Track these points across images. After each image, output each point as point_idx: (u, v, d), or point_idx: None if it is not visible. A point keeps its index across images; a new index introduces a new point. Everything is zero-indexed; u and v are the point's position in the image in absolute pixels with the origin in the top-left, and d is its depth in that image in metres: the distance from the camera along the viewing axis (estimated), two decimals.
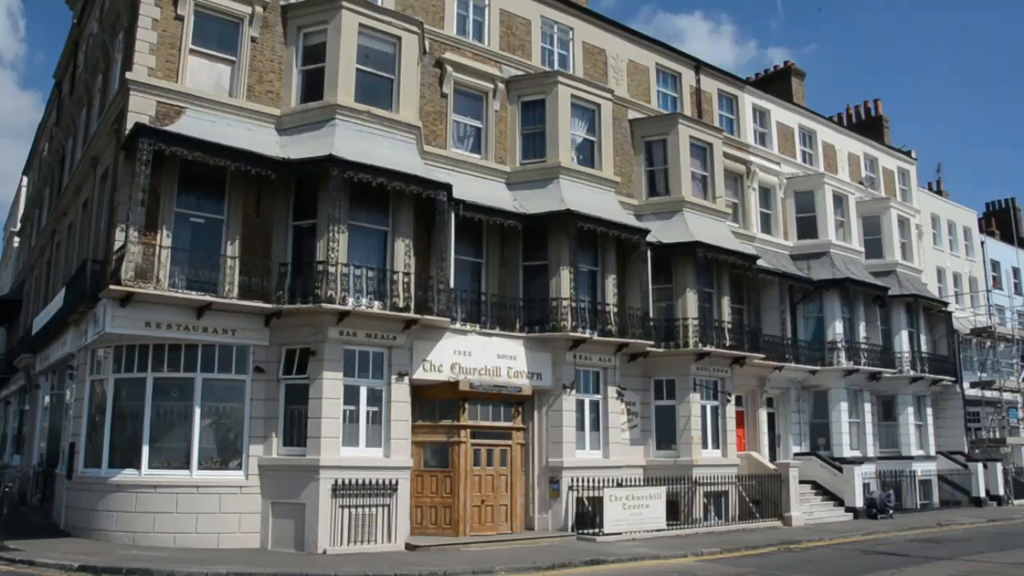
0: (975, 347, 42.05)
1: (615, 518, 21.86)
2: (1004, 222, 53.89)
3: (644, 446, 25.43)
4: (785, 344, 30.54)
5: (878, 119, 42.86)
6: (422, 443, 21.09)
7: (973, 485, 35.72)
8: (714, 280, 27.52)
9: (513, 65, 25.16)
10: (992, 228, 52.37)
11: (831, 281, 31.95)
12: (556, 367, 22.99)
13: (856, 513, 28.78)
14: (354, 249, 19.58)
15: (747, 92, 33.33)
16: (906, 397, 34.84)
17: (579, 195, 23.85)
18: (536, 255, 23.64)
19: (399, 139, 20.70)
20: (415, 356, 20.50)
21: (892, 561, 18.94)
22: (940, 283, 42.78)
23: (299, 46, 20.67)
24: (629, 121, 27.68)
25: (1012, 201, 56.97)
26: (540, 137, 24.52)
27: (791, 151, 34.82)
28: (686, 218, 26.59)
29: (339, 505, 18.30)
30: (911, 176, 42.14)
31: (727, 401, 26.67)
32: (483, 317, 22.50)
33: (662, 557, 19.07)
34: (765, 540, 22.10)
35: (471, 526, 21.02)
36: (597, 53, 27.73)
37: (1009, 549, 21.44)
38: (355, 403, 19.32)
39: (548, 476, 22.57)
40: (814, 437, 32.03)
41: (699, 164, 27.98)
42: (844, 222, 34.39)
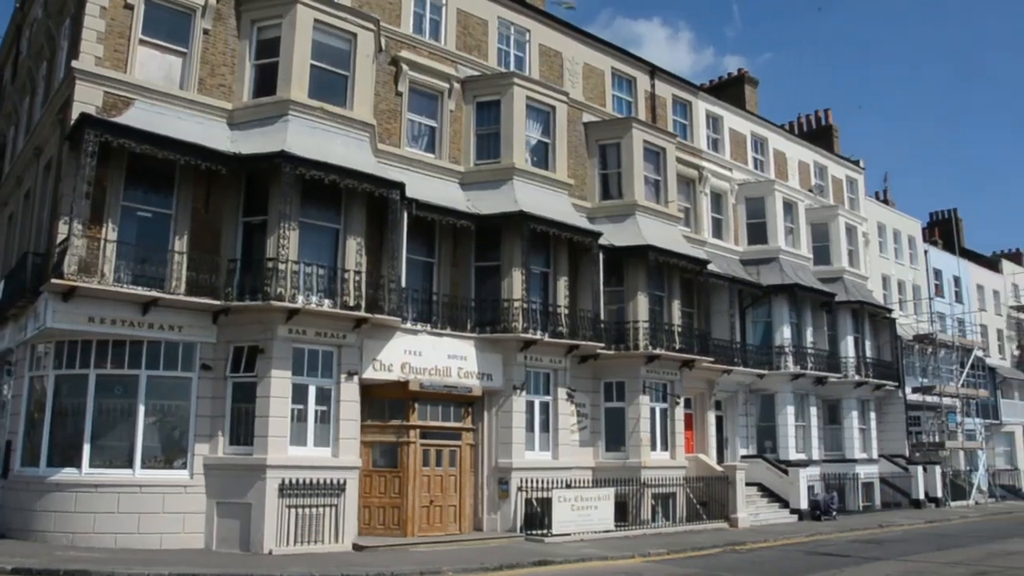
0: (917, 353, 42.92)
1: (564, 519, 21.91)
2: (946, 232, 55.14)
3: (593, 447, 25.53)
4: (734, 348, 30.89)
5: (828, 128, 43.55)
6: (371, 443, 20.95)
7: (913, 487, 36.53)
8: (665, 284, 27.73)
9: (469, 65, 25.12)
10: (935, 238, 53.56)
11: (780, 286, 32.40)
12: (507, 368, 22.99)
13: (801, 515, 29.21)
14: (305, 247, 19.38)
15: (701, 98, 33.66)
16: (851, 401, 35.44)
17: (532, 196, 23.88)
18: (488, 256, 23.61)
19: (352, 137, 20.54)
20: (365, 355, 20.35)
21: (834, 562, 19.24)
22: (885, 290, 43.64)
23: (252, 40, 20.41)
24: (584, 124, 27.79)
25: (954, 212, 58.35)
26: (495, 138, 24.51)
27: (743, 157, 35.24)
28: (639, 222, 26.76)
29: (286, 505, 18.08)
30: (859, 185, 42.91)
31: (676, 403, 26.89)
32: (434, 317, 22.42)
33: (609, 558, 19.14)
34: (711, 541, 22.31)
35: (419, 527, 20.92)
36: (553, 55, 27.80)
37: (945, 549, 21.93)
38: (303, 402, 19.12)
39: (497, 477, 22.55)
40: (761, 440, 32.44)
41: (652, 168, 28.18)
42: (793, 229, 34.90)
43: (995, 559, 20.09)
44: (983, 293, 54.09)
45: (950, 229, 55.77)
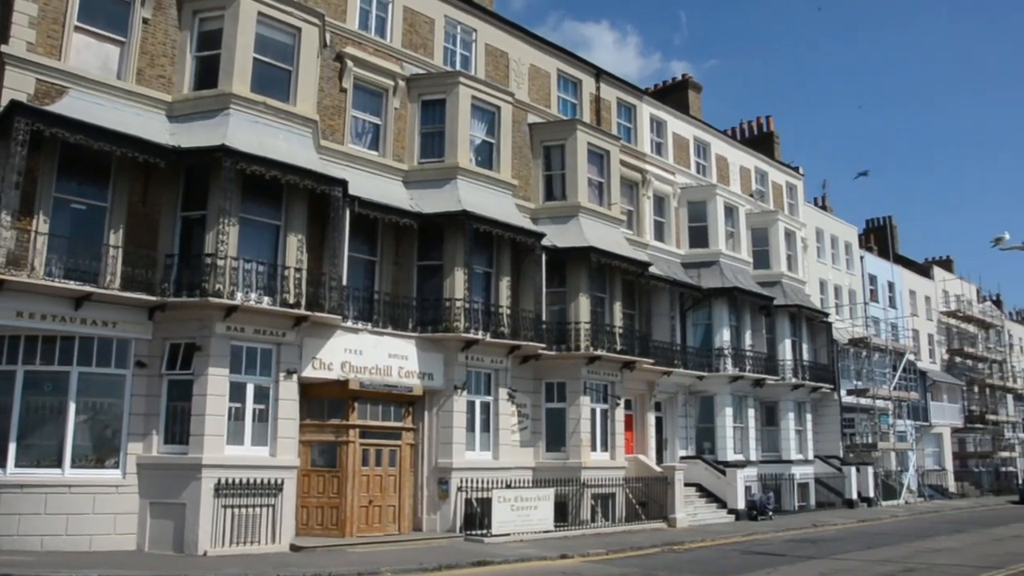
0: (852, 356, 43.89)
1: (503, 519, 21.92)
2: (881, 239, 56.44)
3: (534, 448, 25.59)
4: (674, 350, 31.22)
5: (769, 135, 44.26)
6: (310, 442, 20.73)
7: (846, 488, 37.31)
8: (607, 285, 27.91)
9: (415, 63, 24.99)
10: (871, 244, 54.77)
11: (720, 290, 32.82)
12: (448, 368, 22.92)
13: (738, 515, 29.63)
14: (245, 243, 19.10)
15: (645, 102, 33.95)
16: (788, 403, 36.06)
17: (476, 196, 23.85)
18: (431, 255, 23.52)
19: (295, 132, 20.29)
20: (305, 354, 20.11)
21: (769, 561, 19.55)
22: (822, 294, 44.49)
23: (194, 31, 20.03)
24: (529, 125, 27.84)
25: (889, 219, 59.76)
26: (439, 137, 24.42)
27: (686, 162, 35.64)
28: (581, 223, 26.89)
29: (222, 505, 17.77)
30: (798, 191, 43.70)
31: (616, 405, 27.08)
32: (376, 316, 22.25)
33: (549, 558, 19.18)
34: (650, 541, 22.50)
35: (358, 527, 20.75)
36: (500, 56, 27.80)
37: (876, 547, 22.48)
38: (241, 400, 18.83)
39: (437, 477, 22.46)
40: (700, 441, 32.84)
41: (596, 171, 28.35)
42: (734, 233, 35.38)
43: (921, 556, 20.65)
44: (915, 299, 55.49)
45: (885, 236, 57.11)
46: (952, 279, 60.54)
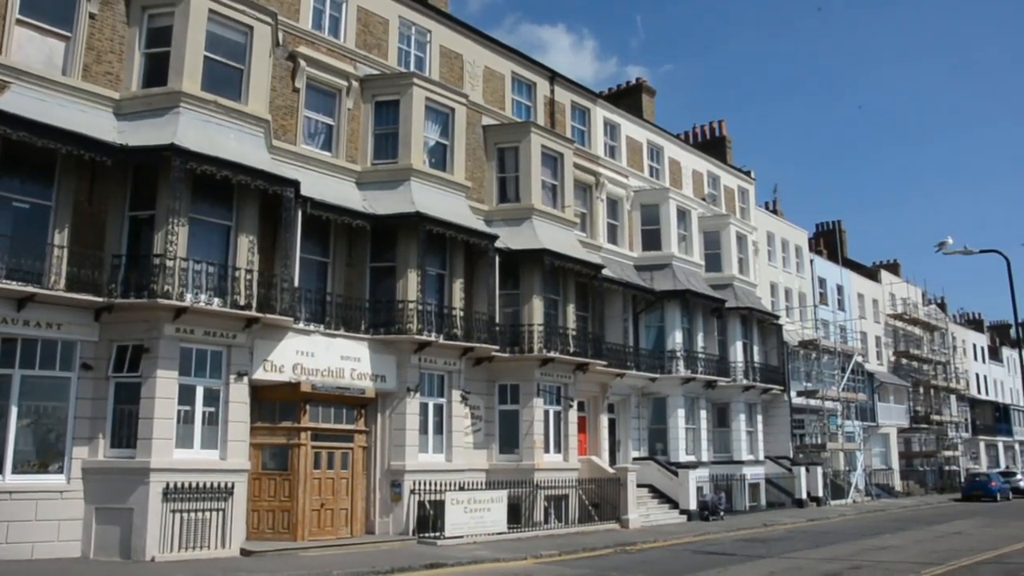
0: (802, 358, 44.54)
1: (456, 521, 21.88)
2: (831, 243, 57.37)
3: (487, 450, 25.58)
4: (627, 352, 31.42)
5: (722, 139, 44.74)
6: (261, 445, 20.51)
7: (796, 488, 37.85)
8: (560, 288, 28.02)
9: (369, 64, 24.86)
10: (820, 248, 55.67)
11: (672, 292, 33.10)
12: (401, 370, 22.83)
13: (690, 515, 29.90)
14: (195, 243, 18.84)
15: (599, 105, 34.15)
16: (739, 404, 36.48)
17: (430, 198, 23.79)
18: (384, 256, 23.41)
19: (247, 132, 20.06)
20: (256, 356, 19.90)
21: (720, 560, 19.76)
22: (773, 297, 45.10)
23: (143, 27, 19.68)
24: (483, 127, 27.84)
25: (838, 224, 60.82)
26: (393, 138, 24.31)
27: (639, 165, 35.90)
28: (535, 226, 26.95)
29: (170, 510, 17.49)
30: (750, 195, 44.26)
31: (570, 406, 27.17)
32: (328, 317, 22.09)
33: (502, 560, 19.19)
34: (603, 542, 22.61)
35: (310, 530, 20.57)
36: (454, 57, 27.77)
37: (824, 546, 22.83)
38: (191, 403, 18.55)
39: (390, 479, 22.35)
40: (653, 442, 33.07)
41: (550, 173, 28.44)
42: (686, 236, 35.71)
43: (867, 554, 21.05)
44: (863, 301, 56.50)
45: (834, 240, 58.07)
46: (899, 282, 61.77)
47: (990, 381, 78.43)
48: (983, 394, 75.66)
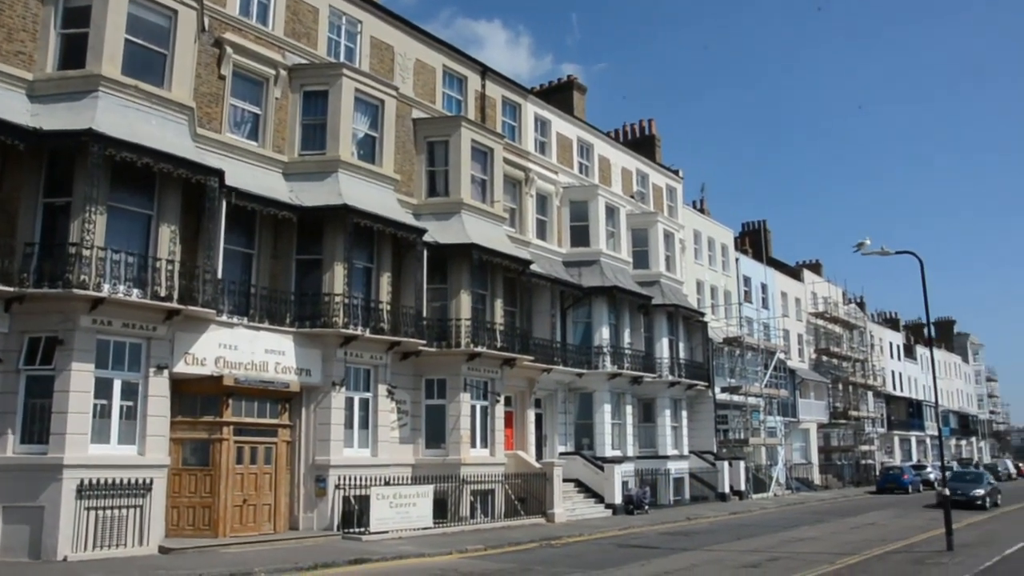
0: (726, 355, 45.39)
1: (382, 517, 21.74)
2: (756, 242, 58.53)
3: (414, 445, 25.45)
4: (554, 347, 31.58)
5: (651, 138, 45.21)
6: (181, 440, 20.03)
7: (719, 482, 38.56)
8: (489, 282, 28.01)
9: (297, 53, 24.46)
10: (746, 247, 56.75)
11: (600, 288, 33.36)
12: (326, 364, 22.55)
13: (615, 509, 30.21)
14: (113, 232, 18.28)
15: (530, 101, 34.20)
16: (664, 400, 36.97)
17: (358, 190, 23.53)
18: (311, 249, 23.06)
19: (170, 119, 19.54)
20: (177, 349, 19.43)
21: (644, 553, 20.03)
22: (699, 295, 45.83)
23: (59, 6, 18.90)
24: (413, 120, 27.64)
25: (763, 223, 62.05)
26: (321, 129, 23.96)
27: (569, 161, 36.07)
28: (464, 220, 26.88)
29: (85, 507, 16.98)
30: (678, 193, 44.87)
31: (496, 401, 27.20)
32: (252, 310, 21.67)
33: (427, 555, 19.14)
34: (528, 536, 22.70)
35: (231, 527, 20.17)
36: (385, 49, 27.50)
37: (745, 538, 23.35)
38: (107, 397, 18.03)
39: (315, 474, 22.08)
40: (579, 437, 33.32)
41: (480, 168, 28.40)
42: (615, 233, 36.02)
43: (786, 545, 21.60)
44: (787, 300, 57.82)
45: (759, 239, 59.25)
46: (820, 282, 63.37)
47: (905, 378, 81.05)
48: (898, 391, 78.17)
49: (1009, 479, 76.93)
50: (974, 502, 35.03)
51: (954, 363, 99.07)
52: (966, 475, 39.69)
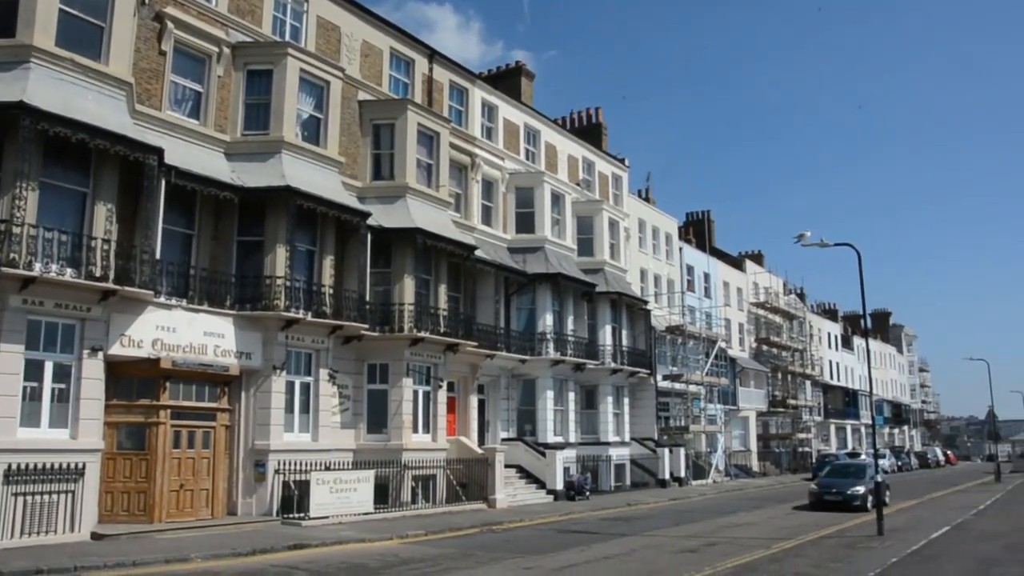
0: (669, 343, 45.87)
1: (322, 502, 21.57)
2: (700, 232, 59.16)
3: (355, 429, 25.28)
4: (498, 333, 31.59)
5: (598, 126, 45.34)
6: (116, 424, 19.61)
7: (660, 468, 39.01)
8: (433, 267, 27.86)
9: (241, 30, 23.96)
10: (689, 236, 57.34)
11: (544, 275, 33.43)
12: (267, 347, 22.24)
13: (557, 495, 30.37)
14: (46, 210, 17.72)
15: (478, 86, 34.03)
16: (607, 387, 37.24)
17: (301, 172, 23.21)
18: (253, 230, 22.69)
19: (107, 94, 18.99)
20: (112, 330, 18.97)
21: (584, 539, 20.17)
22: (643, 283, 46.17)
23: None
24: (359, 102, 27.32)
25: (708, 213, 62.80)
26: (265, 109, 23.54)
27: (515, 148, 36.00)
28: (409, 204, 26.69)
29: (12, 493, 16.49)
30: (623, 182, 45.09)
31: (439, 387, 27.13)
32: (192, 292, 21.26)
33: (367, 540, 19.07)
34: (470, 522, 22.73)
35: (167, 512, 19.84)
36: (331, 29, 27.09)
37: (684, 524, 23.68)
38: (38, 379, 17.55)
39: (254, 459, 21.80)
40: (521, 423, 33.43)
41: (425, 152, 28.20)
42: (560, 220, 36.10)
43: (724, 531, 21.95)
44: (729, 290, 58.54)
45: (703, 229, 59.91)
46: (762, 272, 64.31)
47: (842, 368, 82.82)
48: (835, 380, 79.85)
49: (938, 466, 79.36)
50: (851, 503, 28.19)
51: (889, 354, 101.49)
52: (847, 469, 32.23)
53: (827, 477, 31.34)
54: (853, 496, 28.43)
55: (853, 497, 28.38)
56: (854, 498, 28.34)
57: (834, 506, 28.08)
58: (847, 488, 28.86)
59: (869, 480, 28.50)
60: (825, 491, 29.14)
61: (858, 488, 28.70)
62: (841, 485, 29.25)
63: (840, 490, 28.88)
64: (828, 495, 28.77)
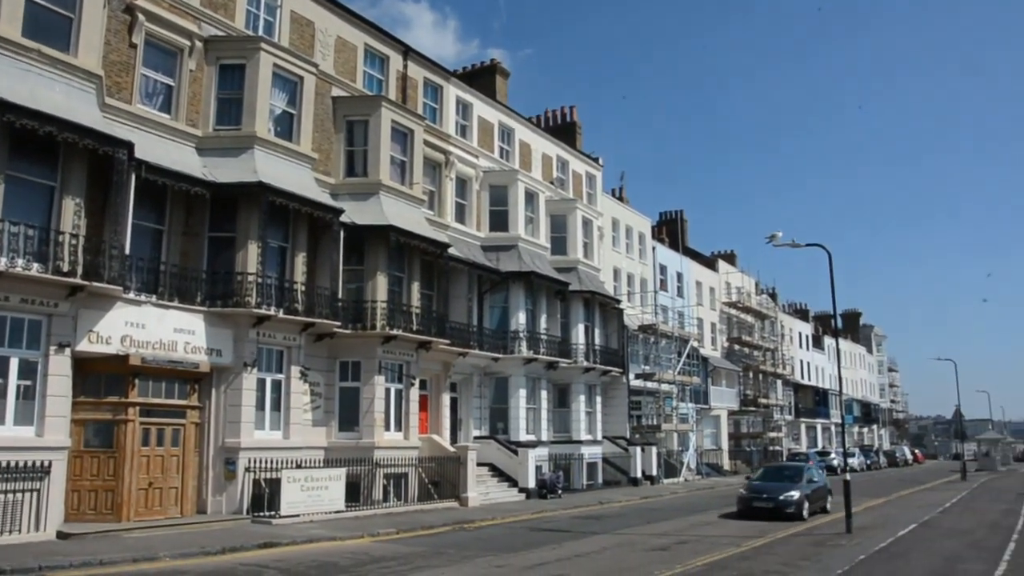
0: (641, 342, 46.02)
1: (293, 500, 21.44)
2: (672, 232, 59.39)
3: (327, 427, 25.16)
4: (471, 331, 31.55)
5: (572, 125, 45.37)
6: (83, 421, 19.35)
7: (632, 467, 39.15)
8: (406, 265, 27.77)
9: (214, 24, 23.72)
10: (663, 236, 57.57)
11: (517, 273, 33.42)
12: (238, 344, 22.06)
13: (529, 493, 30.38)
14: (13, 204, 17.48)
15: (452, 84, 33.94)
16: (579, 386, 37.30)
17: (274, 168, 23.04)
18: (224, 226, 22.49)
19: (76, 86, 18.74)
20: (80, 326, 18.73)
21: (555, 537, 20.20)
22: (616, 282, 46.29)
23: None
24: (332, 98, 27.17)
25: (680, 213, 63.06)
26: (237, 104, 23.35)
27: (490, 146, 35.96)
28: (382, 201, 26.58)
29: None
30: (597, 181, 45.17)
31: (412, 384, 27.05)
32: (162, 288, 21.03)
33: (338, 538, 18.97)
34: (441, 520, 22.68)
35: (136, 511, 19.62)
36: (305, 24, 26.90)
37: (655, 522, 23.76)
38: (3, 376, 17.31)
39: (224, 457, 21.62)
40: (494, 421, 33.41)
41: (399, 149, 28.10)
42: (534, 218, 36.11)
43: (694, 529, 22.06)
44: (701, 289, 58.85)
45: (676, 229, 60.14)
46: (734, 272, 64.71)
47: (812, 367, 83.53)
48: (806, 380, 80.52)
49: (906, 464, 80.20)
50: (784, 510, 24.42)
51: (859, 354, 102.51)
52: (782, 471, 28.45)
53: (759, 480, 27.54)
54: (786, 502, 24.63)
55: (786, 504, 24.60)
56: (787, 504, 24.57)
57: (764, 514, 24.42)
58: (779, 493, 24.98)
59: (807, 484, 25.79)
60: (754, 496, 25.31)
61: (792, 493, 24.91)
62: (773, 490, 25.31)
63: (771, 495, 25.00)
64: (758, 501, 24.98)
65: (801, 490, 25.21)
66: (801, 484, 25.64)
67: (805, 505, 24.83)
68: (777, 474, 27.62)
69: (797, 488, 25.27)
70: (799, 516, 24.38)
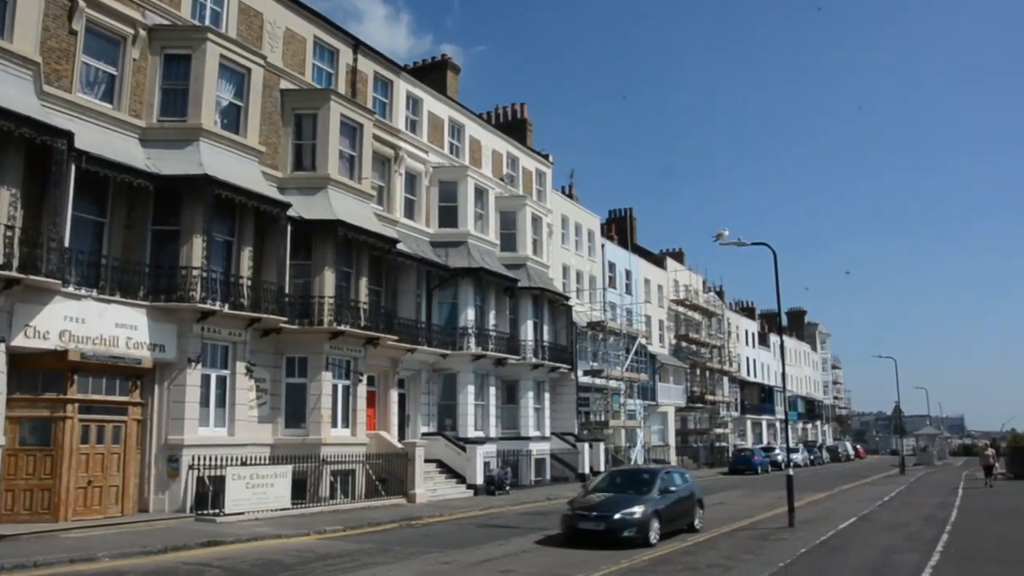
0: (590, 339, 46.25)
1: (237, 497, 21.15)
2: (622, 229, 59.82)
3: (273, 424, 24.85)
4: (419, 327, 31.42)
5: (523, 122, 45.38)
6: (19, 418, 18.84)
7: (580, 463, 39.35)
8: (354, 260, 27.53)
9: (159, 13, 23.22)
10: (612, 233, 57.90)
11: (466, 270, 33.35)
12: (182, 339, 21.69)
13: (477, 490, 30.37)
14: None
15: (403, 79, 33.72)
16: (528, 382, 37.37)
17: (220, 161, 22.68)
18: (168, 220, 22.08)
19: (11, 73, 18.28)
20: (16, 321, 18.25)
21: (502, 533, 20.21)
22: (565, 279, 46.44)
23: None
24: (281, 91, 26.80)
25: (630, 211, 63.48)
26: (183, 95, 22.92)
27: (440, 141, 35.80)
28: (330, 196, 26.32)
29: None
30: (547, 178, 45.25)
31: (359, 381, 26.85)
32: (103, 282, 20.55)
33: (284, 536, 18.77)
34: (389, 517, 22.56)
35: (74, 510, 19.18)
36: (254, 15, 26.48)
37: None
38: None
39: (167, 454, 21.25)
40: (442, 418, 33.30)
41: (348, 143, 27.84)
42: (483, 214, 36.05)
43: None
44: (650, 287, 59.32)
45: (625, 227, 60.58)
46: (682, 270, 65.33)
47: (758, 364, 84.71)
48: (752, 376, 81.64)
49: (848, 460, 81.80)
50: (618, 533, 17.33)
51: (803, 351, 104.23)
52: (632, 478, 20.67)
53: (595, 491, 20.07)
54: (624, 523, 17.51)
55: (624, 525, 17.49)
56: (625, 526, 17.49)
57: (591, 539, 17.42)
58: (616, 511, 17.78)
59: (659, 496, 18.87)
60: (581, 515, 18.09)
61: (632, 510, 17.80)
62: (607, 506, 18.16)
63: (604, 514, 17.77)
64: (585, 521, 17.85)
65: (648, 505, 18.17)
66: (650, 496, 18.67)
67: (653, 526, 17.89)
68: (622, 483, 20.11)
69: (642, 503, 18.20)
70: (643, 541, 17.44)
